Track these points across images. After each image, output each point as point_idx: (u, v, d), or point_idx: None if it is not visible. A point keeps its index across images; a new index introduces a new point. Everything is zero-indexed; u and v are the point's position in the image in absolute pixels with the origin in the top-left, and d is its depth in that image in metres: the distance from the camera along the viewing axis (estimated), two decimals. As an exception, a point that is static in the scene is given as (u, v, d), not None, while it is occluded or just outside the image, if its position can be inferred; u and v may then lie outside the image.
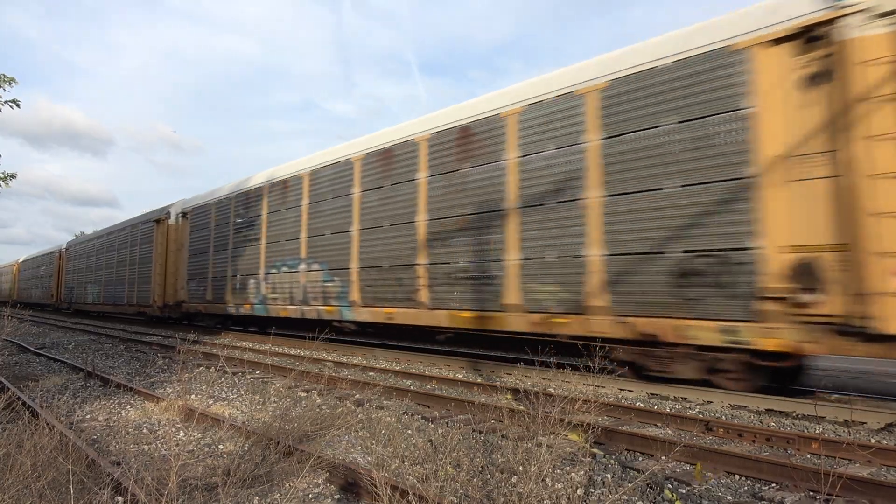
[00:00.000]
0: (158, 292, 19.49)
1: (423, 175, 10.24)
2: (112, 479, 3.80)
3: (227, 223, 16.27)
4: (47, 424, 4.68)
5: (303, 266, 12.91)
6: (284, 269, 13.54)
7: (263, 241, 14.43)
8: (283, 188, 13.99)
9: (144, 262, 20.80)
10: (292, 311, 13.17)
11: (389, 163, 10.93)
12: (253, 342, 14.46)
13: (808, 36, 6.04)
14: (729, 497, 3.96)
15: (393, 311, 10.45)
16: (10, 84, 10.97)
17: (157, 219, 20.04)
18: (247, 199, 15.50)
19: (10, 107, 10.86)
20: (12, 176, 11.81)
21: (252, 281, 14.74)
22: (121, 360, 11.37)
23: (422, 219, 10.12)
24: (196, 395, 7.51)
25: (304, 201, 13.12)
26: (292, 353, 12.14)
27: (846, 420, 5.81)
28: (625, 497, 3.88)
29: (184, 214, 18.97)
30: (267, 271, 14.18)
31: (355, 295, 11.32)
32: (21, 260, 47.62)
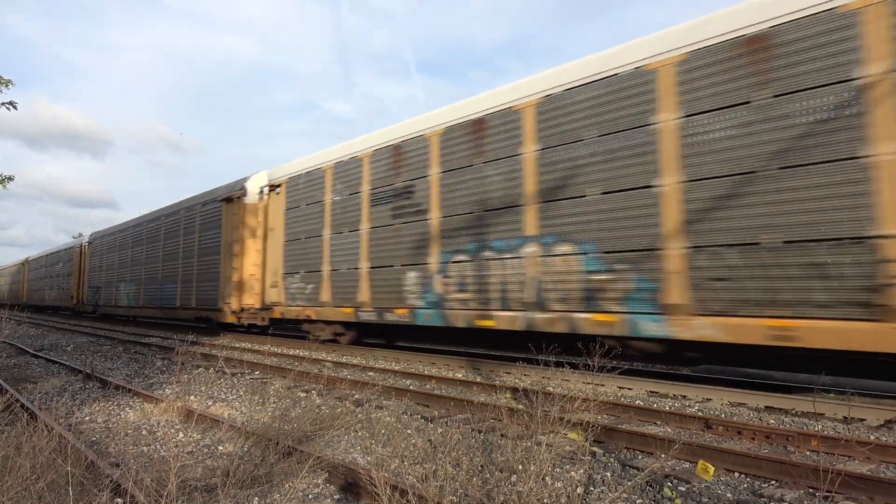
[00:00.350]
0: (231, 292, 14.86)
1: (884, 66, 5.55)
2: (111, 481, 3.80)
3: (356, 193, 11.61)
4: (46, 426, 4.67)
5: (530, 248, 8.33)
6: (488, 253, 8.92)
7: (435, 214, 9.84)
8: (475, 132, 9.34)
9: (208, 253, 16.28)
10: (505, 319, 8.59)
11: (764, 60, 6.26)
12: (251, 343, 14.45)
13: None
14: (728, 495, 3.96)
15: (797, 326, 5.89)
16: (6, 86, 10.93)
17: (227, 197, 15.49)
18: (395, 157, 10.82)
19: (7, 108, 10.81)
20: (10, 178, 11.76)
21: (414, 274, 10.17)
22: (119, 362, 11.36)
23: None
24: (195, 397, 7.50)
25: (528, 147, 8.47)
26: (291, 353, 12.13)
27: (845, 417, 5.82)
28: (624, 495, 3.88)
29: (272, 187, 14.48)
30: (445, 258, 9.61)
31: (675, 295, 6.79)
32: (30, 258, 42.28)
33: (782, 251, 6.07)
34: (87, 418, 6.39)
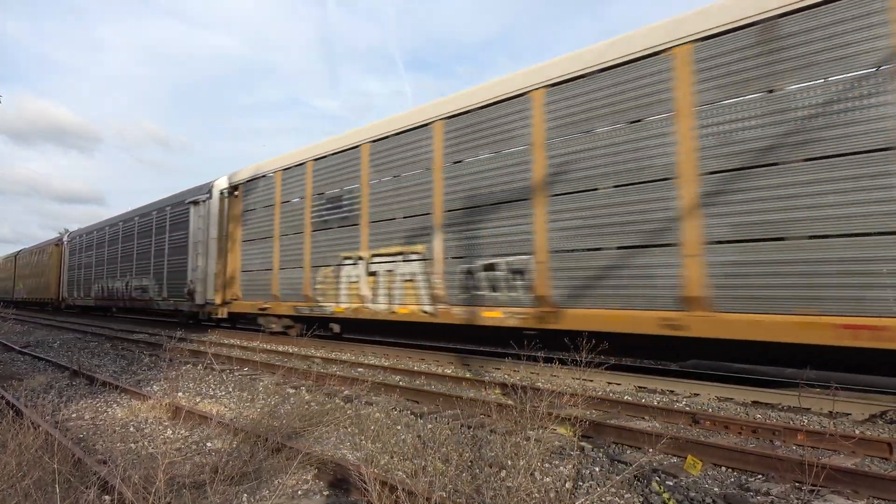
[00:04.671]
0: None
1: None
2: (99, 478, 3.77)
3: None
4: (32, 423, 4.63)
5: None
6: None
7: None
8: None
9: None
10: None
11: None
12: (240, 339, 14.37)
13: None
14: (716, 489, 4.00)
15: None
16: (-10, 80, 10.76)
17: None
18: None
19: (-9, 103, 10.66)
20: (-7, 172, 11.61)
21: None
22: (107, 359, 11.26)
23: None
24: (183, 393, 7.46)
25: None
26: (280, 349, 12.09)
27: (830, 411, 5.88)
28: (613, 490, 3.91)
29: None
30: None
31: None
32: (68, 238, 28.27)
33: None
34: (74, 415, 6.34)
